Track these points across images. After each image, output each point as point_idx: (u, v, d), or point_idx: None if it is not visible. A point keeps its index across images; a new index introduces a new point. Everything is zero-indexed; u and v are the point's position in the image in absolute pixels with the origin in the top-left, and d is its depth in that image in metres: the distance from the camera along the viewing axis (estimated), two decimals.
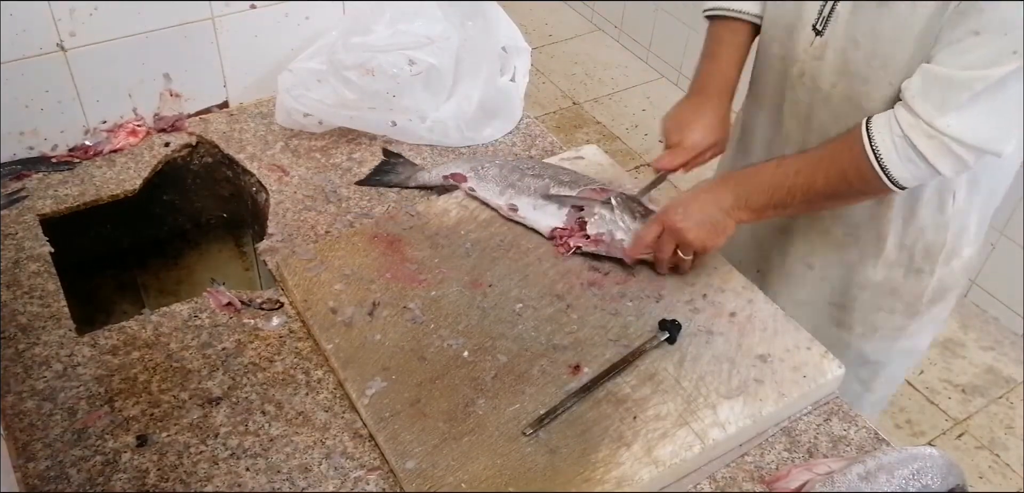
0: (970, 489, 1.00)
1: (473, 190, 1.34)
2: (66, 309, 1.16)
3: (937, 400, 2.43)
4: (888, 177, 1.06)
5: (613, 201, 1.27)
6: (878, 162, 1.06)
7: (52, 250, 1.25)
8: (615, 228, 1.24)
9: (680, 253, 1.19)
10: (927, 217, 1.25)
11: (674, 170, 1.28)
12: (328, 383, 1.09)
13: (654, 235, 1.19)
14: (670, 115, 1.31)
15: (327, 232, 1.30)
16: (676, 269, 1.22)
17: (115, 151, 1.44)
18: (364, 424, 1.04)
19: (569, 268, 1.24)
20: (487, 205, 1.33)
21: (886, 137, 1.06)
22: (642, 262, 1.23)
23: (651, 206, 1.28)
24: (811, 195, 1.13)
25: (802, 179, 1.13)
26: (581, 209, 1.27)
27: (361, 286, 1.19)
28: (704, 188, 1.20)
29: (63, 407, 1.03)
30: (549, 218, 1.28)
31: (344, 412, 1.05)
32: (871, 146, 1.06)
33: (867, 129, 1.07)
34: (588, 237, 1.25)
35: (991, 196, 1.29)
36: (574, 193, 1.30)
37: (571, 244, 1.25)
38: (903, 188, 1.08)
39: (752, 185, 1.17)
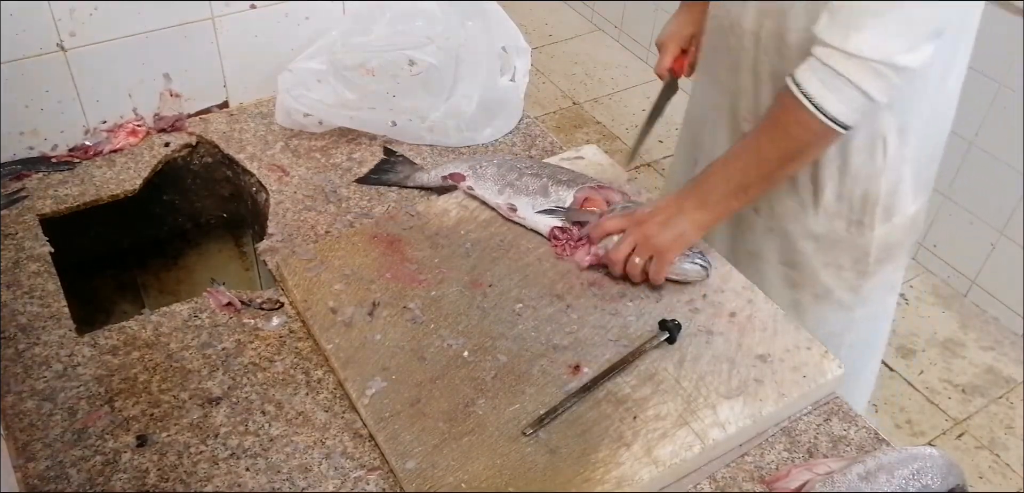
0: (970, 489, 1.00)
1: (471, 189, 1.34)
2: (66, 309, 1.16)
3: (937, 400, 2.43)
4: (827, 116, 1.08)
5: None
6: (812, 104, 1.08)
7: (52, 250, 1.25)
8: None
9: (637, 260, 1.19)
10: (860, 165, 1.27)
11: (670, 65, 1.45)
12: (328, 383, 1.09)
13: (627, 250, 1.20)
14: (663, 30, 1.50)
15: (327, 232, 1.30)
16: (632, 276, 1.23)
17: (115, 151, 1.44)
18: (364, 424, 1.04)
19: (569, 268, 1.24)
20: (486, 204, 1.33)
21: (811, 78, 1.08)
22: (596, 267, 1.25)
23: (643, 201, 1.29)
24: (765, 167, 1.16)
25: (751, 156, 1.17)
26: (582, 224, 1.27)
27: (361, 286, 1.19)
28: (664, 202, 1.23)
29: (63, 407, 1.03)
30: (548, 220, 1.28)
31: (344, 412, 1.05)
32: (801, 92, 1.09)
33: (794, 80, 1.10)
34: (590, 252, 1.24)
35: (924, 148, 1.30)
36: (569, 202, 1.29)
37: (582, 262, 1.24)
38: (846, 126, 1.09)
39: (707, 184, 1.20)
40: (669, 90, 1.51)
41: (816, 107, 1.08)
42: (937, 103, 1.27)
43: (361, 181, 1.40)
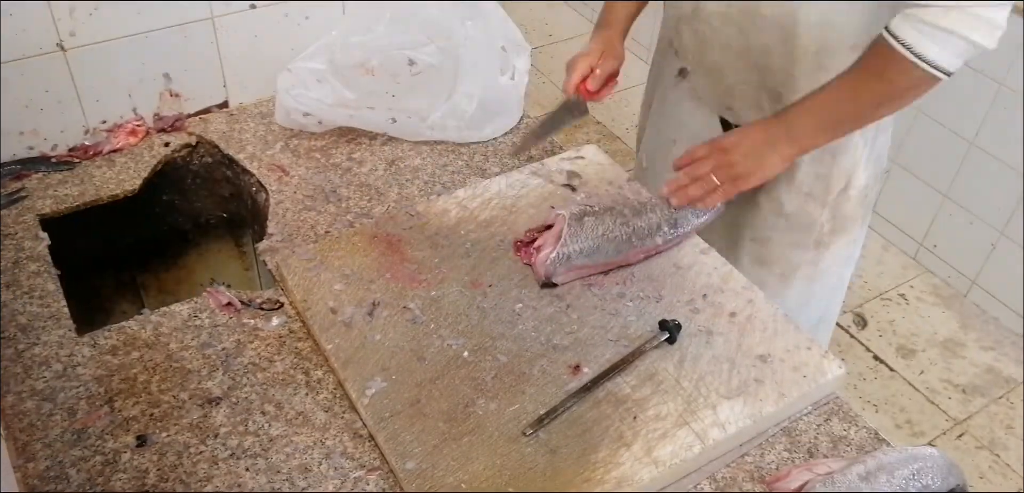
0: (970, 489, 1.00)
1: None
2: (66, 309, 1.16)
3: (937, 400, 2.43)
4: (929, 63, 1.08)
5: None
6: (911, 52, 1.08)
7: (49, 243, 1.25)
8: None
9: (714, 178, 1.21)
10: (842, 140, 1.29)
11: (580, 82, 1.38)
12: (328, 383, 1.09)
13: (703, 152, 1.22)
14: (578, 52, 1.44)
15: (327, 232, 1.30)
16: (700, 199, 1.23)
17: (115, 151, 1.44)
18: (364, 424, 1.03)
19: None
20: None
21: (907, 28, 1.08)
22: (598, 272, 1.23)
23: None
24: (860, 108, 1.18)
25: (846, 95, 1.17)
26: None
27: (361, 286, 1.19)
28: (750, 131, 1.24)
29: (63, 407, 1.03)
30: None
31: (344, 412, 1.05)
32: (898, 42, 1.09)
33: (889, 31, 1.10)
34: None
35: (878, 124, 1.33)
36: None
37: (538, 271, 1.20)
38: (948, 71, 1.09)
39: (797, 118, 1.20)
40: (574, 108, 1.42)
41: (916, 55, 1.08)
42: None
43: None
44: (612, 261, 1.23)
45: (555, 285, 1.20)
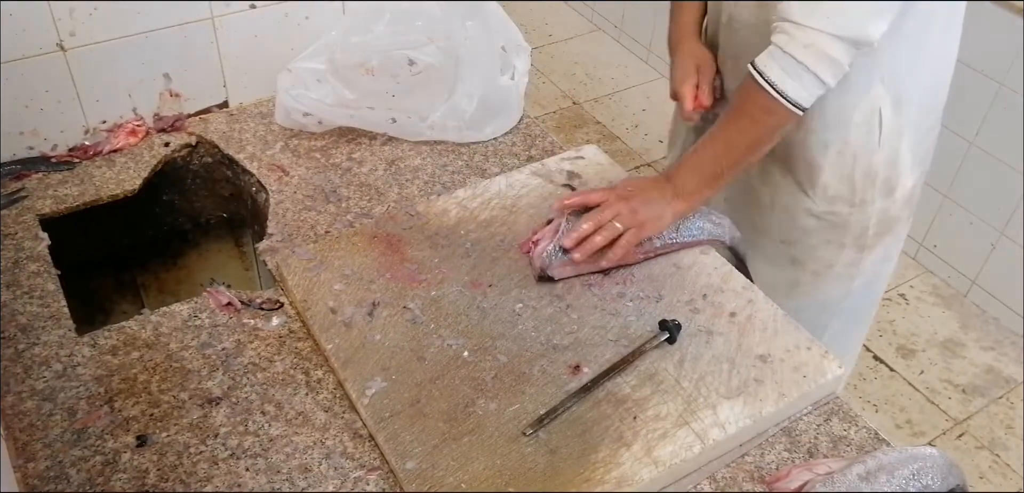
0: (970, 489, 1.00)
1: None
2: (66, 309, 1.16)
3: (937, 400, 2.43)
4: (788, 100, 1.13)
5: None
6: (774, 90, 1.13)
7: (49, 243, 1.25)
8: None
9: (618, 224, 1.21)
10: (859, 143, 1.29)
11: (699, 106, 1.36)
12: (328, 383, 1.09)
13: (601, 198, 1.23)
14: (672, 78, 1.41)
15: (327, 232, 1.30)
16: (605, 247, 1.21)
17: (115, 151, 1.44)
18: (364, 424, 1.04)
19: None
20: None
21: (772, 65, 1.13)
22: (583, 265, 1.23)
23: None
24: (735, 155, 1.22)
25: (721, 146, 1.22)
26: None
27: (361, 286, 1.19)
28: (645, 184, 1.26)
29: (63, 407, 1.03)
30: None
31: (344, 412, 1.05)
32: (764, 80, 1.14)
33: (754, 67, 1.15)
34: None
35: (922, 119, 1.33)
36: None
37: (534, 263, 1.21)
38: (804, 109, 1.14)
39: (681, 176, 1.25)
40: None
41: (779, 94, 1.13)
42: (937, 71, 1.30)
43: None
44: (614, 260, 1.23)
45: (552, 279, 1.20)
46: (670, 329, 1.12)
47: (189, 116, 1.52)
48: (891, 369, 2.51)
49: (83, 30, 1.35)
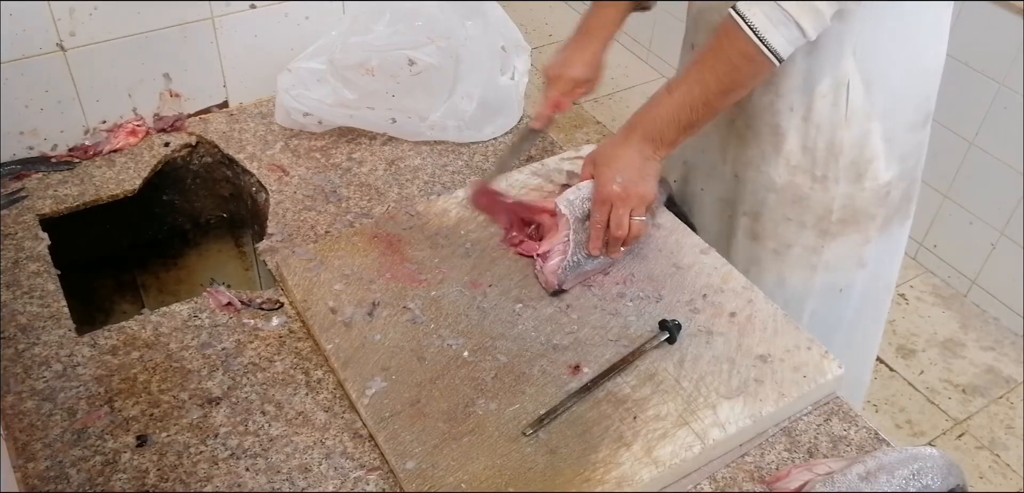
0: (970, 489, 1.00)
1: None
2: (66, 309, 1.16)
3: (937, 400, 2.43)
4: (768, 48, 1.12)
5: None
6: (755, 35, 1.12)
7: (49, 243, 1.25)
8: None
9: (622, 215, 1.21)
10: (824, 112, 1.28)
11: (552, 114, 1.37)
12: (328, 383, 1.09)
13: (604, 218, 1.22)
14: (552, 59, 1.38)
15: (327, 232, 1.30)
16: (616, 242, 1.23)
17: (115, 151, 1.44)
18: (364, 424, 1.04)
19: None
20: None
21: (757, 11, 1.12)
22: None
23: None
24: (710, 100, 1.19)
25: (697, 89, 1.19)
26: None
27: (361, 286, 1.19)
28: (616, 145, 1.24)
29: (63, 407, 1.03)
30: None
31: (344, 412, 1.05)
32: (746, 24, 1.12)
33: (738, 12, 1.13)
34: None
35: (896, 110, 1.32)
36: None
37: (550, 280, 1.20)
38: (781, 59, 1.13)
39: (657, 122, 1.22)
40: (537, 136, 1.43)
41: (760, 39, 1.12)
42: (919, 64, 1.29)
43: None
44: (613, 261, 1.24)
45: (565, 292, 1.20)
46: (670, 329, 1.12)
47: (189, 116, 1.52)
48: (891, 369, 2.51)
49: (83, 30, 1.35)
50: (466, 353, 1.10)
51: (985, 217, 2.58)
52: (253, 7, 1.48)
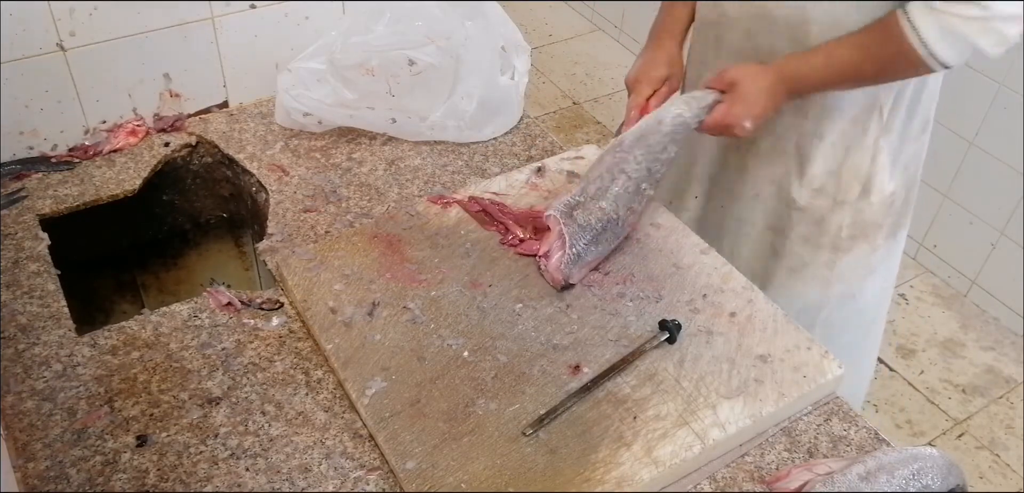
0: (970, 489, 1.00)
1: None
2: (66, 309, 1.16)
3: (937, 400, 2.43)
4: (937, 60, 1.12)
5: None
6: (925, 48, 1.12)
7: (49, 243, 1.25)
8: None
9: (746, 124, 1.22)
10: (854, 136, 1.30)
11: (640, 119, 1.34)
12: (328, 383, 1.09)
13: (713, 131, 1.23)
14: (631, 68, 1.39)
15: (327, 232, 1.30)
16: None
17: (115, 151, 1.44)
18: (364, 424, 1.04)
19: None
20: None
21: (931, 24, 1.11)
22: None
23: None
24: (861, 82, 1.22)
25: (851, 71, 1.20)
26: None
27: (361, 286, 1.19)
28: (762, 90, 1.21)
29: (63, 407, 1.03)
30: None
31: (344, 412, 1.05)
32: (918, 36, 1.12)
33: (909, 19, 1.12)
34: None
35: (907, 123, 1.33)
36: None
37: (556, 277, 1.19)
38: (949, 66, 1.14)
39: (804, 85, 1.23)
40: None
41: (930, 53, 1.12)
42: (922, 83, 1.31)
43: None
44: (619, 237, 1.24)
45: (573, 286, 1.20)
46: (670, 329, 1.12)
47: (189, 116, 1.52)
48: (891, 369, 2.51)
49: (83, 30, 1.35)
50: (466, 353, 1.10)
51: (985, 217, 2.58)
52: (253, 7, 1.48)
